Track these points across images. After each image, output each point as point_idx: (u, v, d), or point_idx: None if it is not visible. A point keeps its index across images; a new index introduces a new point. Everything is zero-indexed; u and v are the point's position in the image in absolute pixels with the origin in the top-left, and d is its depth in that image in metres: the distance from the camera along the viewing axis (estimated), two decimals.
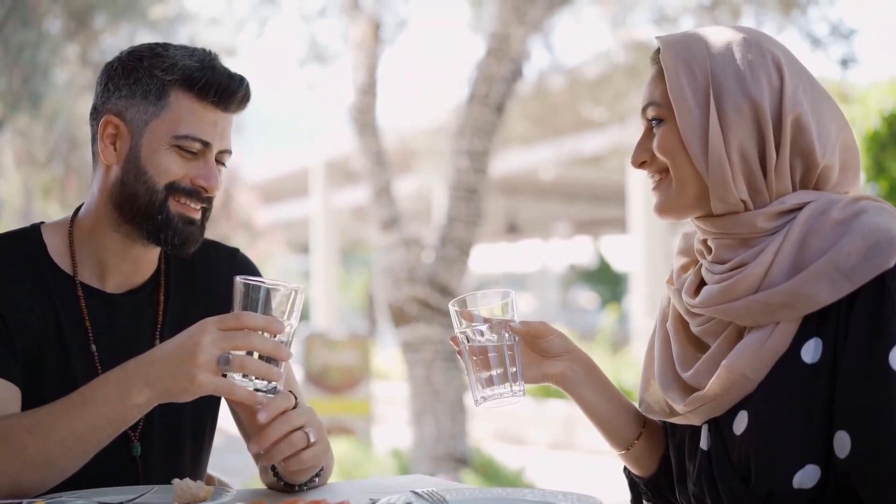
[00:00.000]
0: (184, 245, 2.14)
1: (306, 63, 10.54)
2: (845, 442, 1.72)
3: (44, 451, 1.89)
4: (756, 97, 1.83)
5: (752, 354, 1.80)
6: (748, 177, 1.85)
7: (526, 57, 8.68)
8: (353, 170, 14.04)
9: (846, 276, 1.73)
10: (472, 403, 2.02)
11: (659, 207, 1.96)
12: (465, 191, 8.40)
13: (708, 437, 1.89)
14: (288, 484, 2.06)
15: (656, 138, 1.92)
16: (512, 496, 1.86)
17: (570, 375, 2.07)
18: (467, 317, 1.97)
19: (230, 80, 2.13)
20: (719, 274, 1.88)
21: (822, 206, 1.83)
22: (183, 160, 2.11)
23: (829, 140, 1.87)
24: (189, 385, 1.82)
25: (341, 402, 11.22)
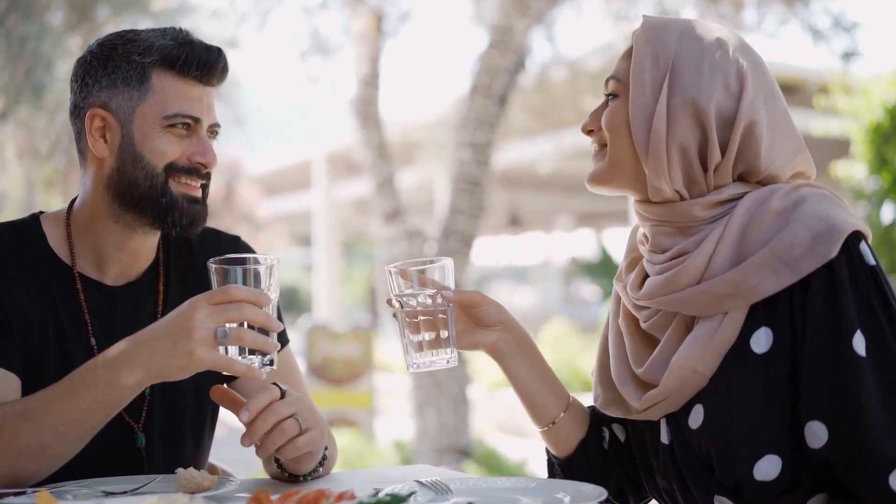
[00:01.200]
0: (192, 225, 2.14)
1: (308, 55, 10.53)
2: (819, 431, 1.73)
3: (38, 437, 1.89)
4: (708, 97, 1.85)
5: (702, 348, 1.82)
6: (686, 170, 1.88)
7: (528, 49, 8.67)
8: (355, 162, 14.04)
9: (790, 266, 1.75)
10: (475, 395, 2.03)
11: (591, 177, 2.00)
12: (468, 183, 8.40)
13: (667, 431, 1.91)
14: (292, 474, 2.06)
15: (606, 112, 1.96)
16: (516, 485, 1.86)
17: (501, 346, 2.10)
18: (405, 277, 1.98)
19: (209, 53, 2.13)
20: (660, 264, 1.91)
21: (761, 195, 1.85)
22: (177, 139, 2.11)
23: (779, 155, 1.89)
24: (187, 362, 1.81)
25: (344, 394, 11.22)
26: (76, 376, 1.89)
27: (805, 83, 13.02)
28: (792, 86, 13.50)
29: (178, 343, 1.81)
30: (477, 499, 1.75)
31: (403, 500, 1.51)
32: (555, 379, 2.14)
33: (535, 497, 1.78)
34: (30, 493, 1.83)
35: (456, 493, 1.81)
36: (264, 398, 1.87)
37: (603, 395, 2.06)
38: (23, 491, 1.85)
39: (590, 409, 2.17)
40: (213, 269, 1.88)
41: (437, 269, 1.99)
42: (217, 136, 2.20)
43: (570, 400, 2.14)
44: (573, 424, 2.13)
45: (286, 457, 1.95)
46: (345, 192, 20.92)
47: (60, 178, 13.58)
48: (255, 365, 1.86)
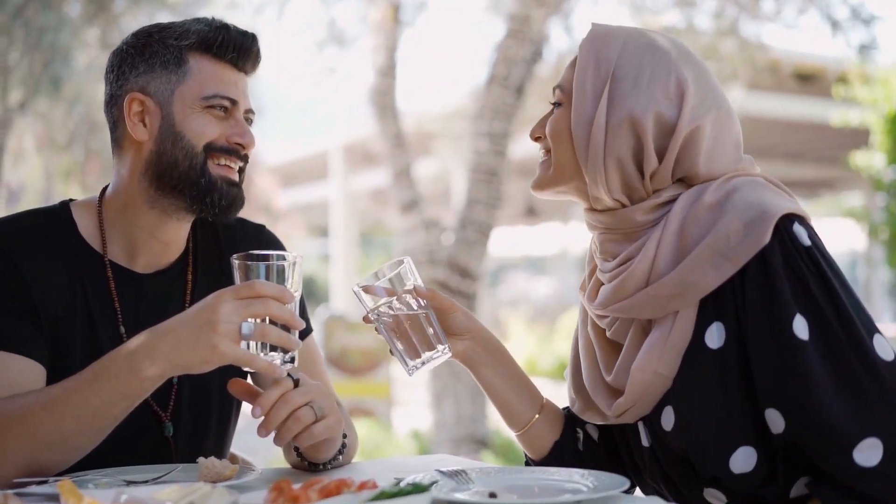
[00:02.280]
0: (230, 208, 2.15)
1: (325, 46, 10.52)
2: (776, 418, 1.74)
3: (59, 428, 1.89)
4: (646, 106, 1.86)
5: (659, 351, 1.84)
6: (623, 178, 1.89)
7: (545, 39, 8.64)
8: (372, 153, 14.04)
9: (727, 257, 1.77)
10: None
11: (534, 182, 2.04)
12: (485, 173, 8.38)
13: (646, 434, 1.93)
14: (311, 463, 2.06)
15: (550, 120, 1.98)
16: (538, 475, 1.86)
17: (470, 355, 2.12)
18: (371, 292, 1.99)
19: (244, 38, 2.16)
20: (609, 272, 1.93)
21: (695, 192, 1.87)
22: (216, 120, 2.12)
23: (719, 160, 1.90)
24: (209, 355, 1.81)
25: (361, 385, 11.24)
26: (98, 367, 1.89)
27: (824, 72, 12.98)
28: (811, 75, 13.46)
29: (202, 336, 1.81)
30: (498, 488, 1.75)
31: (425, 489, 1.51)
32: (527, 384, 2.17)
33: (558, 485, 1.78)
34: (51, 482, 1.83)
35: (477, 482, 1.81)
36: (276, 391, 1.87)
37: (579, 402, 2.08)
38: (45, 480, 1.86)
39: (564, 411, 2.19)
40: (236, 265, 1.88)
41: (400, 270, 1.99)
42: (251, 122, 2.21)
43: (543, 403, 2.16)
44: (547, 427, 2.16)
45: (303, 444, 1.95)
46: (362, 183, 20.92)
47: (78, 169, 13.63)
48: (276, 362, 1.86)
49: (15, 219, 2.19)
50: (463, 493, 1.72)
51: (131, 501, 1.53)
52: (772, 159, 18.24)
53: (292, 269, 1.89)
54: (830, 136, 14.95)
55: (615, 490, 1.67)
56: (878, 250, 16.41)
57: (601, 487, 1.71)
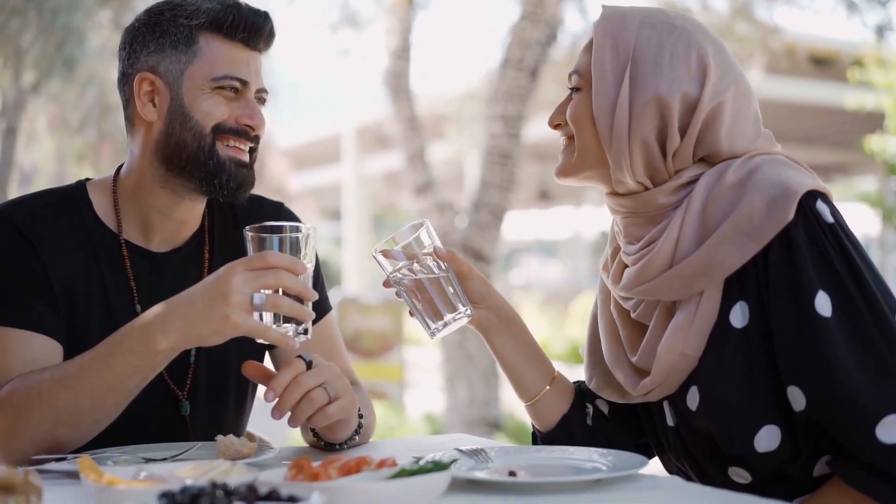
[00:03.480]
0: (239, 189, 2.13)
1: (339, 28, 10.52)
2: (798, 396, 1.74)
3: (75, 403, 1.90)
4: (670, 86, 1.85)
5: (685, 331, 1.83)
6: (647, 160, 1.88)
7: (560, 21, 8.61)
8: (384, 135, 14.03)
9: (750, 236, 1.76)
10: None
11: (558, 170, 2.02)
12: (499, 156, 8.36)
13: (671, 413, 1.93)
14: (328, 443, 2.06)
15: (570, 106, 1.97)
16: (557, 454, 1.86)
17: (485, 322, 2.10)
18: (393, 255, 1.97)
19: (256, 16, 2.13)
20: (633, 255, 1.92)
21: (717, 171, 1.86)
22: (225, 101, 2.10)
23: (741, 137, 1.89)
24: (222, 326, 1.80)
25: (374, 367, 11.26)
26: (112, 341, 1.90)
27: (839, 56, 12.92)
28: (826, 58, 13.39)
29: (215, 307, 1.80)
30: (518, 467, 1.74)
31: (445, 467, 1.51)
32: (540, 355, 2.15)
33: (577, 465, 1.77)
34: (70, 459, 1.84)
35: (496, 460, 1.81)
36: (289, 373, 1.86)
37: (596, 379, 2.08)
38: (63, 457, 1.86)
39: (575, 385, 2.19)
40: (249, 237, 1.87)
41: (419, 233, 1.97)
42: (264, 102, 2.19)
43: (554, 375, 2.15)
44: (556, 399, 2.15)
45: (317, 425, 1.95)
46: (375, 166, 20.94)
47: (91, 150, 13.65)
48: (289, 333, 1.85)
49: (31, 198, 2.19)
50: (482, 471, 1.72)
51: (151, 478, 1.53)
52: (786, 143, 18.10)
53: (306, 242, 1.89)
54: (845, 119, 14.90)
55: (634, 469, 1.67)
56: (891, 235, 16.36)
57: (620, 466, 1.70)
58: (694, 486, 1.74)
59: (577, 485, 1.63)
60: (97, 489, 1.47)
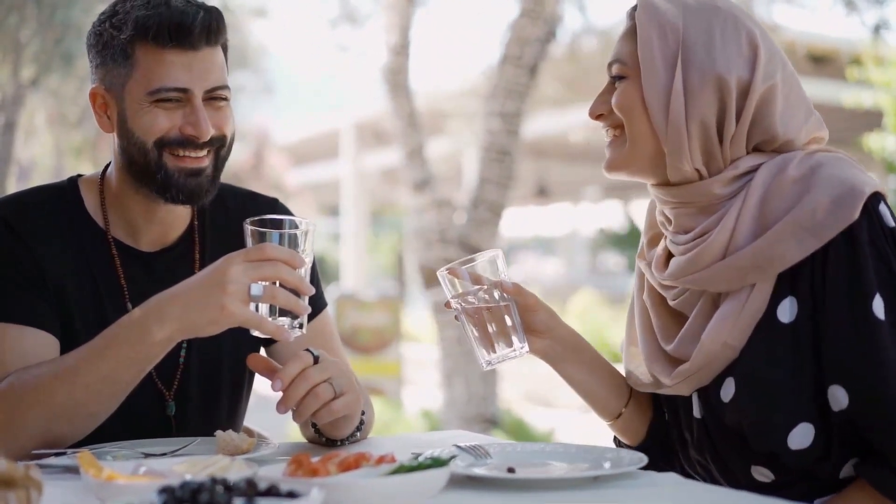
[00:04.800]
0: (191, 198, 2.10)
1: (338, 24, 10.50)
2: (840, 395, 1.74)
3: (72, 396, 1.90)
4: (723, 68, 1.83)
5: (732, 322, 1.82)
6: (705, 145, 1.86)
7: (559, 18, 8.61)
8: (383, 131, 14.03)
9: (812, 232, 1.75)
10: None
11: (609, 164, 1.98)
12: (497, 153, 8.36)
13: (700, 405, 1.91)
14: (329, 439, 2.06)
15: (616, 94, 1.93)
16: (554, 451, 1.86)
17: (550, 353, 2.07)
18: (460, 276, 1.96)
19: (182, 16, 2.03)
20: (684, 245, 1.90)
21: (777, 164, 1.84)
22: (166, 112, 2.05)
23: (793, 120, 1.88)
24: (218, 315, 1.80)
25: (372, 363, 11.26)
26: (108, 334, 1.90)
27: (837, 54, 12.91)
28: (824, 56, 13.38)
29: (211, 296, 1.80)
30: (516, 463, 1.75)
31: (444, 463, 1.51)
32: (613, 375, 2.12)
33: (576, 461, 1.78)
34: (70, 454, 1.84)
35: (495, 457, 1.81)
36: (296, 365, 1.86)
37: (634, 373, 2.06)
38: (63, 452, 1.87)
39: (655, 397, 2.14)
40: (249, 231, 1.87)
41: (487, 261, 1.96)
42: (226, 99, 2.12)
43: (631, 390, 2.12)
44: (639, 413, 2.12)
45: (322, 421, 1.95)
46: (373, 162, 20.91)
47: (90, 145, 13.63)
48: (284, 326, 1.85)
49: (24, 195, 2.20)
50: (481, 467, 1.72)
51: (150, 473, 1.53)
52: None
53: (305, 237, 1.89)
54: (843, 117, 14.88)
55: (633, 466, 1.67)
56: None
57: (619, 464, 1.71)
58: (692, 483, 1.74)
59: (575, 481, 1.63)
60: (97, 484, 1.48)
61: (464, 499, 1.56)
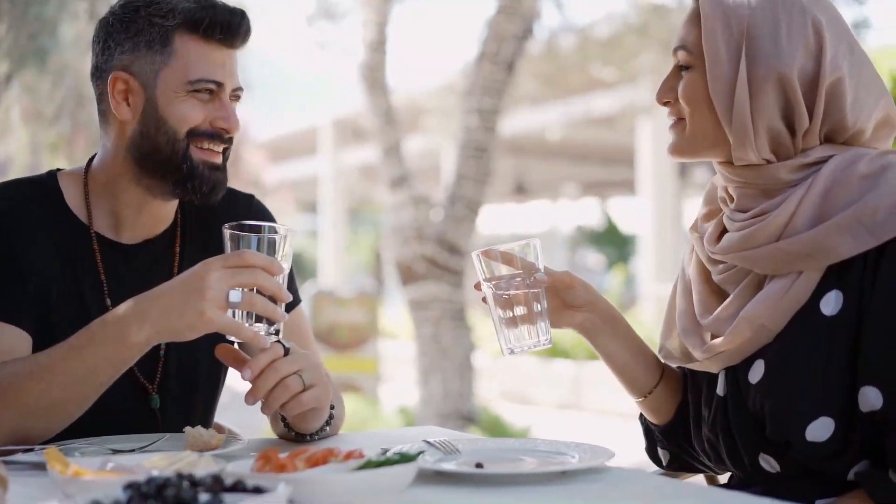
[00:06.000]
0: (212, 192, 2.13)
1: (315, 20, 10.49)
2: (873, 396, 1.72)
3: (47, 395, 1.89)
4: (790, 62, 1.80)
5: (773, 305, 1.80)
6: (773, 137, 1.84)
7: (536, 16, 8.62)
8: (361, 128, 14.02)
9: (870, 230, 1.73)
10: (479, 362, 2.02)
11: (673, 148, 1.97)
12: (475, 149, 8.37)
13: (725, 384, 1.90)
14: (299, 433, 2.06)
15: (682, 84, 1.91)
16: (524, 446, 1.86)
17: (588, 326, 2.08)
18: (493, 259, 1.95)
19: (232, 16, 2.11)
20: (740, 222, 1.88)
21: (848, 159, 1.82)
22: (200, 104, 2.09)
23: (864, 107, 1.85)
24: (197, 321, 1.81)
25: (349, 360, 11.25)
26: (85, 334, 1.89)
27: None
28: None
29: (190, 302, 1.80)
30: (485, 459, 1.75)
31: (412, 459, 1.51)
32: (647, 351, 2.13)
33: (544, 457, 1.78)
34: (38, 450, 1.83)
35: (464, 453, 1.81)
36: (266, 357, 1.86)
37: (667, 346, 2.06)
38: (31, 448, 1.86)
39: (681, 371, 2.14)
40: (228, 235, 1.87)
41: (523, 248, 1.96)
42: (239, 99, 2.17)
43: (664, 369, 2.12)
44: (669, 392, 2.12)
45: (290, 413, 1.95)
46: (351, 159, 20.90)
47: (65, 142, 13.55)
48: (261, 333, 1.85)
49: (1, 188, 2.18)
50: (450, 463, 1.72)
51: (118, 469, 1.53)
52: None
53: (283, 242, 1.89)
54: None
55: (601, 461, 1.68)
56: None
57: (587, 458, 1.71)
58: (660, 478, 1.75)
59: (544, 476, 1.63)
60: (63, 480, 1.47)
61: (432, 494, 1.56)
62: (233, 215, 2.17)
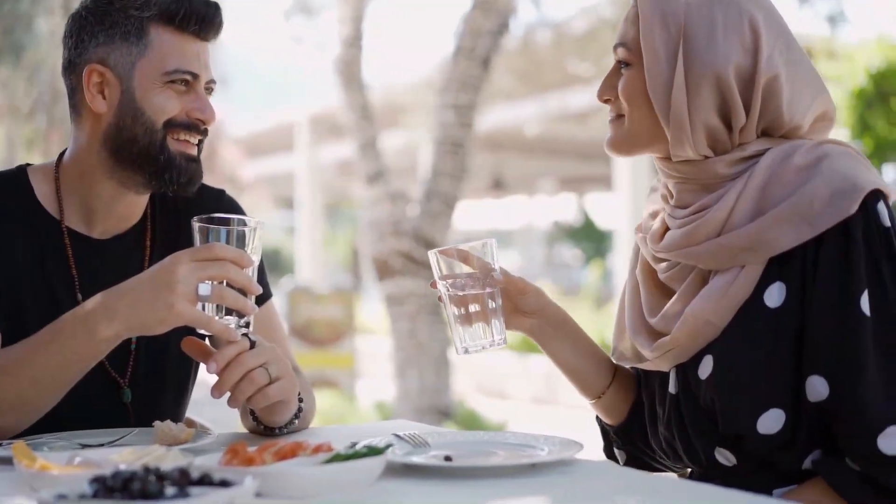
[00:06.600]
0: (189, 184, 2.13)
1: (292, 15, 10.48)
2: (819, 386, 1.74)
3: (16, 390, 1.89)
4: (726, 60, 1.82)
5: (717, 300, 1.82)
6: (710, 134, 1.86)
7: (512, 11, 8.63)
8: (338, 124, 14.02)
9: (809, 221, 1.75)
10: (456, 356, 2.03)
11: (611, 143, 1.98)
12: (451, 145, 8.37)
13: (676, 381, 1.92)
14: (268, 427, 2.05)
15: (622, 81, 1.93)
16: (494, 439, 1.86)
17: (538, 331, 2.10)
18: (450, 258, 1.96)
19: (207, 8, 2.12)
20: (681, 219, 1.90)
21: (784, 151, 1.84)
22: (177, 95, 2.09)
23: (801, 104, 1.87)
24: (166, 315, 1.80)
25: (325, 356, 11.24)
26: (53, 328, 1.89)
27: None
28: None
29: (159, 296, 1.80)
30: (454, 452, 1.75)
31: (380, 452, 1.52)
32: (598, 352, 2.14)
33: (514, 450, 1.78)
34: (5, 444, 1.82)
35: (433, 446, 1.81)
36: (232, 349, 1.86)
37: (619, 348, 2.07)
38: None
39: (634, 371, 2.16)
40: (197, 228, 1.87)
41: (480, 248, 1.96)
42: (213, 92, 2.18)
43: (616, 370, 2.13)
44: (622, 393, 2.13)
45: (257, 406, 1.95)
46: (328, 155, 20.86)
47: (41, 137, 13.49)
48: (231, 326, 1.85)
49: None
50: (419, 456, 1.72)
51: (85, 464, 1.53)
52: None
53: (253, 235, 1.89)
54: None
55: (570, 454, 1.68)
56: None
57: (557, 451, 1.72)
58: (629, 471, 1.75)
59: (512, 469, 1.64)
60: (30, 474, 1.47)
61: (400, 487, 1.56)
62: (204, 210, 2.16)
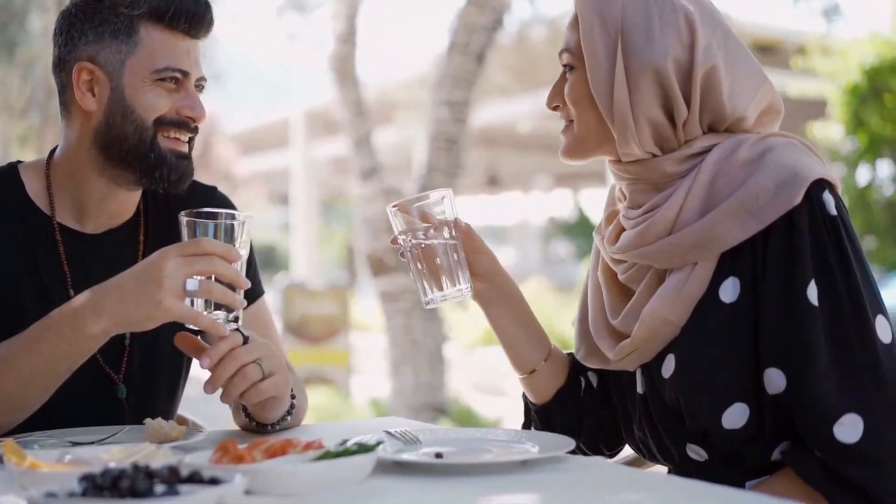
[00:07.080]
0: (180, 181, 2.13)
1: (285, 12, 10.46)
2: (776, 378, 1.76)
3: (5, 387, 1.89)
4: (664, 54, 1.84)
5: (673, 299, 1.84)
6: (654, 130, 1.88)
7: (507, 7, 8.61)
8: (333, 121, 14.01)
9: (754, 214, 1.77)
10: (451, 353, 2.03)
11: (564, 150, 2.00)
12: (445, 141, 8.35)
13: (642, 381, 1.94)
14: (260, 423, 2.05)
15: (567, 85, 1.95)
16: (485, 436, 1.86)
17: (485, 296, 2.11)
18: (407, 215, 1.96)
19: (197, 5, 2.12)
20: (634, 219, 1.92)
21: (729, 146, 1.86)
22: (166, 93, 2.09)
23: (742, 95, 1.89)
24: (154, 311, 1.80)
25: (320, 353, 11.24)
26: (41, 325, 1.88)
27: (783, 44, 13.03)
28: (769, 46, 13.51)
29: (147, 292, 1.80)
30: (445, 449, 1.75)
31: (371, 449, 1.51)
32: (538, 329, 2.16)
33: (505, 447, 1.78)
34: None
35: (425, 443, 1.81)
36: (225, 345, 1.86)
37: (583, 348, 2.08)
38: None
39: (569, 358, 2.18)
40: (184, 222, 1.86)
41: (438, 200, 1.96)
42: (203, 89, 2.18)
43: (551, 349, 2.15)
44: (552, 373, 2.15)
45: (250, 402, 1.95)
46: (323, 151, 20.87)
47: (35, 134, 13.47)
48: (220, 320, 1.85)
49: None
50: (410, 453, 1.72)
51: (75, 461, 1.52)
52: None
53: (241, 229, 1.88)
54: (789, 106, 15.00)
55: (560, 451, 1.68)
56: None
57: (547, 448, 1.71)
58: (619, 467, 1.75)
59: (503, 466, 1.63)
60: (19, 472, 1.47)
61: (390, 485, 1.55)
62: (196, 206, 2.16)
